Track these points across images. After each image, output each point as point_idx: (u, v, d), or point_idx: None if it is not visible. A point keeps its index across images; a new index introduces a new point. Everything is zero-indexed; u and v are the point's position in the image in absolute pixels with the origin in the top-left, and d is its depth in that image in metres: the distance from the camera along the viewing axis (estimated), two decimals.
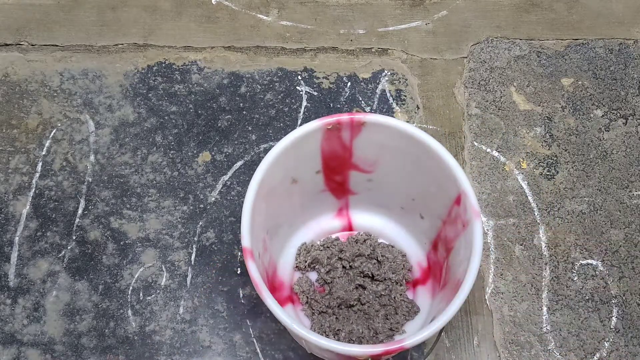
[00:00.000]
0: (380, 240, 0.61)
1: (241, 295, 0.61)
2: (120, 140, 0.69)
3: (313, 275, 0.60)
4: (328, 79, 0.72)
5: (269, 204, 0.52)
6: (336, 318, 0.57)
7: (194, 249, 0.63)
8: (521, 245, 0.63)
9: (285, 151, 0.51)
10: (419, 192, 0.55)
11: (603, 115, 0.70)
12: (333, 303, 0.57)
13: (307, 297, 0.58)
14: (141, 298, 0.61)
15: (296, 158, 0.53)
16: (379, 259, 0.59)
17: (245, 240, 0.48)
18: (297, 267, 0.60)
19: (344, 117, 0.51)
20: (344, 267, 0.59)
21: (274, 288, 0.57)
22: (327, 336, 0.55)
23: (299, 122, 0.70)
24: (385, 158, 0.54)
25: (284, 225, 0.59)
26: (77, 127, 0.69)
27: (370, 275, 0.58)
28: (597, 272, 0.62)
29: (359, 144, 0.53)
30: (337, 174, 0.57)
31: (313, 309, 0.57)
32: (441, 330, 0.58)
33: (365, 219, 0.62)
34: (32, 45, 0.75)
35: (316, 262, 0.59)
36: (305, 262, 0.59)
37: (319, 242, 0.61)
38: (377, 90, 0.72)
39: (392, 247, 0.60)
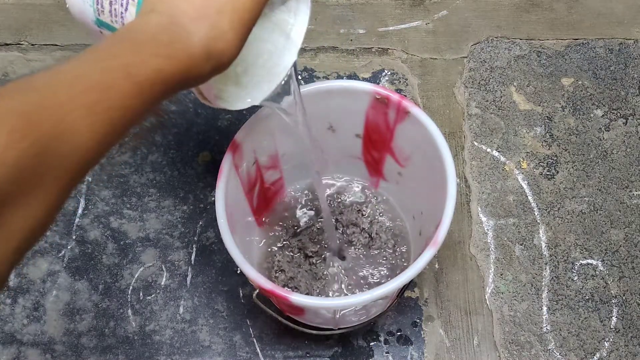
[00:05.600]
0: (382, 219, 0.62)
1: (241, 295, 0.61)
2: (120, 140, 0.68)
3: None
4: (328, 79, 0.72)
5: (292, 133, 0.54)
6: (290, 259, 0.60)
7: (194, 249, 0.63)
8: (521, 245, 0.63)
9: (328, 92, 0.52)
10: (426, 208, 0.56)
11: (603, 115, 0.70)
12: (295, 244, 0.60)
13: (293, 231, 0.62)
14: (141, 298, 0.61)
15: (337, 107, 0.54)
16: (372, 235, 0.61)
17: (240, 134, 0.50)
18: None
19: (395, 95, 0.51)
20: (336, 228, 0.62)
21: (265, 194, 0.61)
22: (272, 270, 0.60)
23: None
24: (417, 158, 0.55)
25: (311, 165, 0.61)
26: None
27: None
28: (597, 272, 0.62)
29: (400, 131, 0.54)
30: (376, 150, 0.58)
31: (283, 243, 0.61)
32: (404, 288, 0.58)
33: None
34: (32, 45, 0.75)
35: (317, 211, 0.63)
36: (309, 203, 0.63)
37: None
38: None
39: (391, 230, 0.61)
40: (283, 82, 0.42)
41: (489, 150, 0.68)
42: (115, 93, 0.29)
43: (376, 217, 0.62)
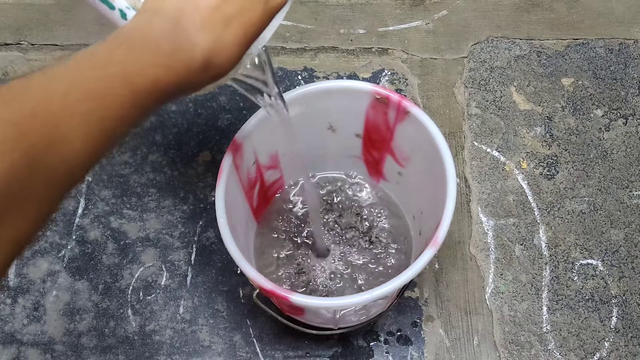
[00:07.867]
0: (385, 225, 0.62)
1: (241, 295, 0.61)
2: None
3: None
4: (328, 79, 0.72)
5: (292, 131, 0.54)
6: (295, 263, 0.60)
7: (194, 249, 0.63)
8: (521, 245, 0.63)
9: (328, 92, 0.52)
10: (426, 208, 0.56)
11: (603, 115, 0.70)
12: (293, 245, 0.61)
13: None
14: (141, 298, 0.61)
15: (337, 107, 0.54)
16: (371, 240, 0.60)
17: (241, 134, 0.50)
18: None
19: (395, 95, 0.51)
20: (335, 229, 0.62)
21: (265, 194, 0.61)
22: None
23: None
24: (417, 157, 0.55)
25: (309, 162, 0.61)
26: None
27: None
28: (597, 272, 0.62)
29: (400, 131, 0.54)
30: (376, 149, 0.58)
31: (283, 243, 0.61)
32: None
33: None
34: (32, 44, 0.75)
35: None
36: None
37: (325, 192, 0.64)
38: None
39: (391, 234, 0.61)
40: (249, 66, 0.41)
41: (489, 150, 0.68)
42: (110, 102, 0.28)
43: (376, 221, 0.62)
